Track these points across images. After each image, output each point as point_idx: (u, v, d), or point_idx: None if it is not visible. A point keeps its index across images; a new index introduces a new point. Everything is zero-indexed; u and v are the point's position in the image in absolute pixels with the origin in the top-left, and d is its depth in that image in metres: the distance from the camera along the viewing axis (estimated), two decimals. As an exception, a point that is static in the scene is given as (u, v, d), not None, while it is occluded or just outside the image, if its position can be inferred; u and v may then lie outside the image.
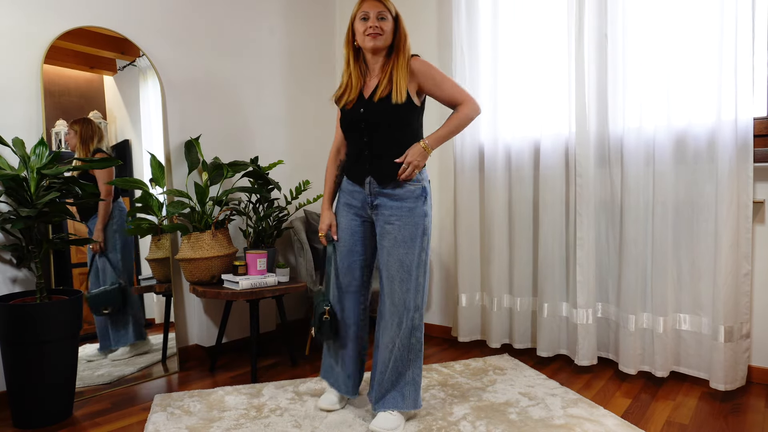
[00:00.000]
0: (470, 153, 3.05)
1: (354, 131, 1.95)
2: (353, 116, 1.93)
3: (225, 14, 3.12)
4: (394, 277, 1.92)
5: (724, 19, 2.30)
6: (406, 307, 1.93)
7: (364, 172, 1.94)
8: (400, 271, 1.91)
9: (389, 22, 1.87)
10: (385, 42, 1.87)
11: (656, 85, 2.48)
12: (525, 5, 2.85)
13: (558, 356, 2.89)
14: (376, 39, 1.84)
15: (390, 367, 1.98)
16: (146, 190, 2.64)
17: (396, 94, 1.84)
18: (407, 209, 1.90)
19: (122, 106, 2.71)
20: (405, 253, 1.90)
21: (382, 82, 1.88)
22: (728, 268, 2.32)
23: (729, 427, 2.04)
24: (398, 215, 1.91)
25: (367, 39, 1.85)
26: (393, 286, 1.93)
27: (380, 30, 1.84)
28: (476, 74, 2.99)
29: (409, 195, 1.91)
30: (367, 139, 1.92)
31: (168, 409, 2.23)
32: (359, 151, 1.95)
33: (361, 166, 1.95)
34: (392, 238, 1.91)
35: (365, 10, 1.85)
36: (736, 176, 2.31)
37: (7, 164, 2.18)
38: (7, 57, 2.32)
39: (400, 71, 1.85)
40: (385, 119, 1.87)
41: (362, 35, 1.86)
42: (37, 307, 2.06)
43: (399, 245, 1.90)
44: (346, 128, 1.98)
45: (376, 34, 1.84)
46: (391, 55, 1.91)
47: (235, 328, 3.14)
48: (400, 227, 1.90)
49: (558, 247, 2.79)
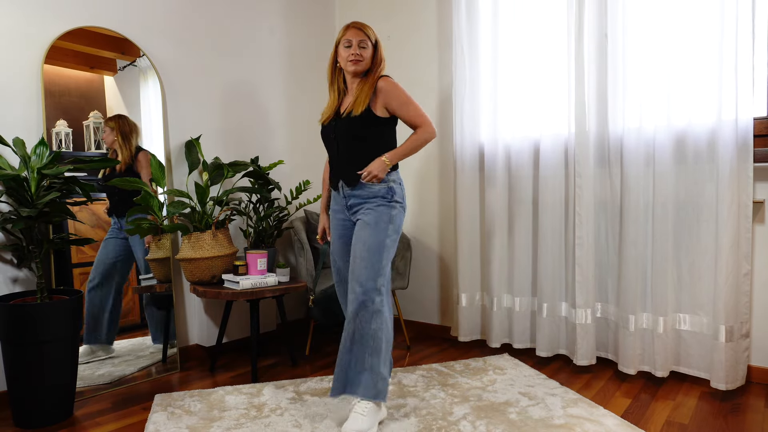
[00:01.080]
0: (470, 153, 3.05)
1: (328, 143, 2.19)
2: (327, 130, 2.17)
3: (225, 14, 3.12)
4: (356, 256, 2.03)
5: (725, 19, 2.30)
6: (365, 287, 1.98)
7: (337, 177, 2.16)
8: (362, 251, 2.01)
9: (369, 50, 2.10)
10: (365, 66, 2.10)
11: (656, 85, 2.48)
12: (525, 5, 2.85)
13: (558, 356, 2.89)
14: (356, 64, 2.08)
15: (349, 349, 1.99)
16: (146, 190, 2.64)
17: (355, 107, 2.05)
18: (374, 203, 2.08)
19: (122, 106, 2.71)
20: (369, 234, 2.03)
21: (353, 99, 2.10)
22: (728, 268, 2.32)
23: (729, 426, 2.04)
24: (366, 208, 2.08)
25: (349, 64, 2.09)
26: (354, 265, 2.02)
27: (360, 57, 2.07)
28: (476, 74, 2.99)
29: (375, 193, 2.08)
30: (338, 148, 2.14)
31: (168, 409, 2.23)
32: (333, 160, 2.19)
33: (336, 172, 2.17)
34: (361, 225, 2.06)
35: (349, 38, 2.09)
36: (736, 176, 2.31)
37: (7, 164, 2.18)
38: (7, 57, 2.32)
39: (365, 88, 2.08)
40: (349, 131, 2.09)
41: (345, 60, 2.09)
42: (37, 307, 2.06)
43: (364, 229, 2.05)
44: (324, 141, 2.22)
45: (357, 60, 2.07)
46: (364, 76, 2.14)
47: (235, 328, 3.14)
48: (366, 214, 2.07)
49: (558, 247, 2.79)
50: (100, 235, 2.61)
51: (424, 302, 3.44)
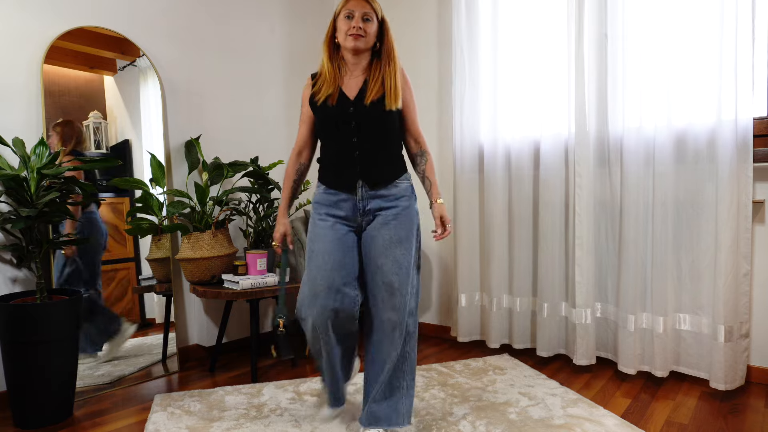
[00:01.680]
0: (470, 153, 3.05)
1: (341, 131, 1.82)
2: (341, 115, 1.81)
3: (225, 14, 3.12)
4: (391, 281, 1.78)
5: (724, 19, 2.30)
6: (407, 313, 1.82)
7: (353, 175, 1.82)
8: (397, 274, 1.79)
9: (374, 24, 1.81)
10: (367, 44, 1.81)
11: (656, 85, 2.48)
12: (525, 5, 2.85)
13: (558, 356, 2.89)
14: (357, 40, 1.78)
15: (385, 382, 1.87)
16: (146, 190, 2.64)
17: (391, 100, 1.79)
18: (403, 207, 1.85)
19: (122, 106, 2.71)
20: (402, 253, 1.80)
21: (373, 85, 1.81)
22: (728, 268, 2.32)
23: (729, 426, 2.04)
24: (394, 214, 1.83)
25: (349, 39, 1.78)
26: (391, 290, 1.79)
27: (363, 32, 1.78)
28: (476, 74, 2.99)
29: (403, 193, 1.87)
30: (357, 140, 1.81)
31: (168, 409, 2.23)
32: (346, 153, 1.83)
33: (350, 170, 1.82)
34: (387, 239, 1.80)
35: (350, 9, 1.79)
36: (736, 176, 2.31)
37: (7, 164, 2.18)
38: (7, 57, 2.32)
39: (394, 79, 1.81)
40: (378, 122, 1.81)
41: (344, 34, 1.79)
42: (37, 307, 2.06)
43: (395, 245, 1.80)
44: (333, 126, 1.84)
45: (359, 35, 1.78)
46: (378, 59, 1.86)
47: (235, 328, 3.14)
48: (396, 226, 1.82)
49: (557, 247, 2.79)
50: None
51: (423, 302, 3.44)
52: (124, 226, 2.68)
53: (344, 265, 1.81)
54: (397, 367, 1.86)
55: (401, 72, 1.87)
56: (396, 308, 1.80)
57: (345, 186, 1.84)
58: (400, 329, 1.82)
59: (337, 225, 1.85)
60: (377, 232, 1.82)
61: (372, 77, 1.83)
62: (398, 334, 1.82)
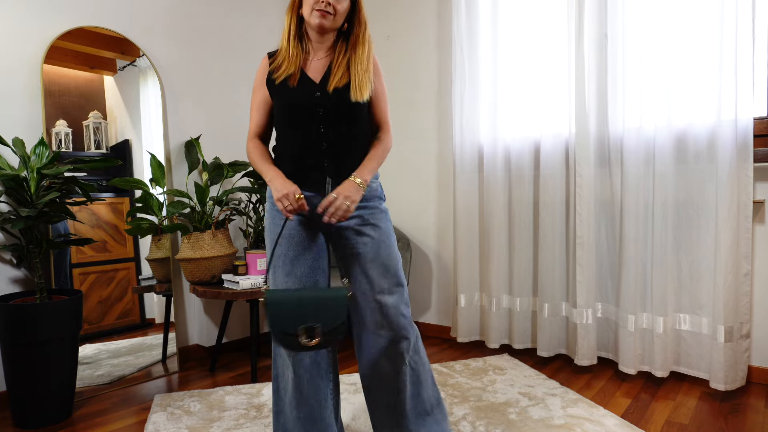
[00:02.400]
0: (470, 153, 3.05)
1: (305, 117, 1.60)
2: (306, 99, 1.59)
3: (225, 14, 3.12)
4: (382, 289, 1.60)
5: (724, 19, 2.29)
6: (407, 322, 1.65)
7: (320, 171, 1.60)
8: (387, 280, 1.61)
9: (345, 3, 1.58)
10: (335, 24, 1.59)
11: (656, 85, 2.48)
12: (525, 5, 2.85)
13: (558, 356, 2.89)
14: (325, 18, 1.56)
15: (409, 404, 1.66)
16: (146, 190, 2.64)
17: (356, 92, 1.59)
18: (374, 207, 1.65)
19: (122, 106, 2.71)
20: (387, 255, 1.62)
21: (336, 70, 1.61)
22: (728, 268, 2.32)
23: (729, 427, 2.04)
24: (368, 215, 1.63)
25: (315, 15, 1.55)
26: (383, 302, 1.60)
27: (333, 9, 1.56)
28: (476, 74, 2.99)
29: (373, 192, 1.66)
30: (325, 129, 1.59)
31: (168, 409, 2.23)
32: (311, 144, 1.60)
33: (316, 165, 1.60)
34: (369, 242, 1.62)
35: None
36: (736, 176, 2.31)
37: (7, 164, 2.18)
38: (7, 57, 2.32)
39: (363, 66, 1.60)
40: (345, 111, 1.60)
41: (310, 8, 1.56)
42: (37, 307, 2.06)
43: (379, 248, 1.61)
44: (296, 112, 1.60)
45: (327, 13, 1.55)
46: (344, 40, 1.65)
47: (235, 328, 3.14)
48: (374, 228, 1.62)
49: (558, 247, 2.79)
50: (99, 235, 2.61)
51: (423, 302, 3.44)
52: (124, 226, 2.68)
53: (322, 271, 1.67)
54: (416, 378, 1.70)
55: (377, 63, 1.69)
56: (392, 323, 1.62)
57: (310, 183, 1.61)
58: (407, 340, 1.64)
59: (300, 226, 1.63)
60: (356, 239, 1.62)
61: (336, 61, 1.62)
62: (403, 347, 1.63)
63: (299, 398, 1.62)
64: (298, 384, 1.62)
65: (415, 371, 1.68)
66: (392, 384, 1.66)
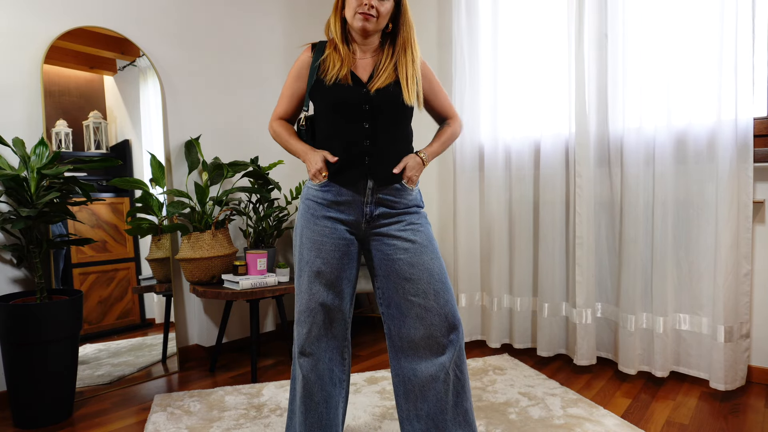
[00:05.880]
0: (470, 153, 3.05)
1: (350, 115, 1.57)
2: (353, 96, 1.56)
3: (225, 14, 3.12)
4: (427, 293, 1.54)
5: (724, 19, 2.29)
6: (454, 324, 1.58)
7: (361, 170, 1.56)
8: (432, 283, 1.55)
9: (389, 3, 1.56)
10: (378, 26, 1.57)
11: (656, 85, 2.48)
12: (525, 5, 2.85)
13: (558, 356, 2.89)
14: (368, 21, 1.54)
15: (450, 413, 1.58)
16: (146, 190, 2.64)
17: (407, 94, 1.58)
18: (415, 213, 1.62)
19: (122, 106, 2.71)
20: (431, 259, 1.56)
21: (383, 69, 1.60)
22: (728, 268, 2.32)
23: (729, 427, 2.04)
24: (408, 220, 1.60)
25: (358, 18, 1.54)
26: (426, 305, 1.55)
27: (376, 12, 1.53)
28: (476, 74, 2.99)
29: (415, 200, 1.64)
30: (369, 126, 1.56)
31: (168, 409, 2.23)
32: (354, 141, 1.57)
33: (357, 162, 1.56)
34: (409, 247, 1.56)
35: None
36: (736, 176, 2.31)
37: (7, 164, 2.18)
38: (7, 57, 2.32)
39: (411, 69, 1.61)
40: (390, 110, 1.58)
41: (353, 11, 1.54)
42: (37, 307, 2.06)
43: (421, 253, 1.56)
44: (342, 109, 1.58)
45: (370, 16, 1.53)
46: (391, 42, 1.64)
47: (235, 328, 3.14)
48: (414, 232, 1.58)
49: (558, 247, 2.79)
50: (99, 235, 2.61)
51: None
52: (124, 226, 2.68)
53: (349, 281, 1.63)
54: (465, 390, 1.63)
55: (425, 64, 1.71)
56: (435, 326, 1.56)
57: (349, 182, 1.57)
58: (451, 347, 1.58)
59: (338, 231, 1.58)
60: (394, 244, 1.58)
61: (382, 61, 1.61)
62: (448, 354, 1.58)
63: (309, 404, 1.61)
64: (309, 390, 1.62)
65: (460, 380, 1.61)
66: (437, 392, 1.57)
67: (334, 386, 1.65)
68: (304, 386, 1.61)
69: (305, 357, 1.60)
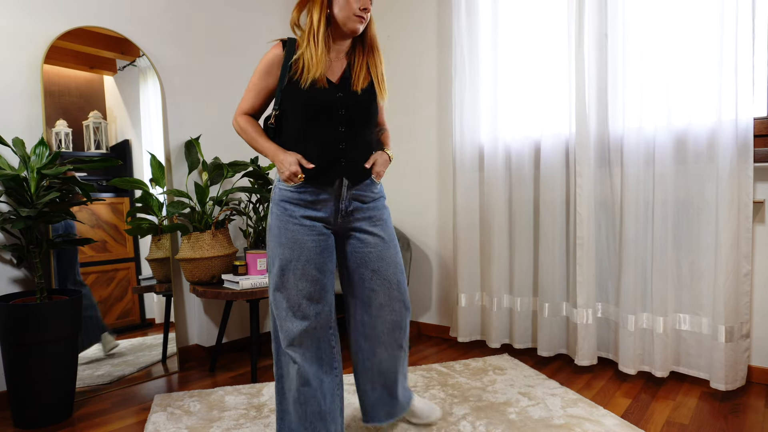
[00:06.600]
0: (470, 153, 3.05)
1: (325, 118, 1.61)
2: (329, 99, 1.60)
3: (225, 14, 3.12)
4: (390, 282, 1.72)
5: (725, 19, 2.29)
6: (409, 307, 1.81)
7: (336, 170, 1.63)
8: (396, 274, 1.74)
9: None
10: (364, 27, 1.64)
11: (656, 85, 2.48)
12: (525, 5, 2.85)
13: (558, 356, 2.89)
14: (362, 23, 1.59)
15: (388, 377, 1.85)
16: (146, 190, 2.64)
17: (380, 94, 1.68)
18: (381, 207, 1.76)
19: (122, 106, 2.71)
20: (395, 253, 1.75)
21: (359, 71, 1.65)
22: (728, 268, 2.32)
23: (729, 427, 2.04)
24: (377, 216, 1.73)
25: (354, 20, 1.57)
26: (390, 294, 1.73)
27: (368, 15, 1.61)
28: (476, 74, 2.99)
29: (380, 193, 1.77)
30: (345, 129, 1.62)
31: (168, 409, 2.23)
32: (329, 144, 1.62)
33: (334, 164, 1.63)
34: (379, 241, 1.72)
35: None
36: (736, 176, 2.30)
37: (7, 164, 2.18)
38: (7, 57, 2.32)
39: (381, 68, 1.69)
40: (366, 111, 1.66)
41: (349, 12, 1.56)
42: (37, 307, 2.06)
43: (388, 247, 1.74)
44: (316, 111, 1.60)
45: (364, 19, 1.59)
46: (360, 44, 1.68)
47: (235, 328, 3.14)
48: (383, 227, 1.74)
49: (558, 246, 2.79)
50: (99, 235, 2.61)
51: (423, 302, 3.44)
52: (124, 226, 2.68)
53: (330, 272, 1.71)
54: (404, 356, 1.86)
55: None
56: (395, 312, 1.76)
57: (324, 182, 1.63)
58: (403, 327, 1.80)
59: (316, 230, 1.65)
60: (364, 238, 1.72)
61: (356, 63, 1.67)
62: (399, 333, 1.80)
63: (306, 392, 1.65)
64: (304, 377, 1.65)
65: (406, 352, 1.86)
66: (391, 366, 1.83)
67: (327, 373, 1.71)
68: (299, 376, 1.65)
69: (296, 348, 1.66)
